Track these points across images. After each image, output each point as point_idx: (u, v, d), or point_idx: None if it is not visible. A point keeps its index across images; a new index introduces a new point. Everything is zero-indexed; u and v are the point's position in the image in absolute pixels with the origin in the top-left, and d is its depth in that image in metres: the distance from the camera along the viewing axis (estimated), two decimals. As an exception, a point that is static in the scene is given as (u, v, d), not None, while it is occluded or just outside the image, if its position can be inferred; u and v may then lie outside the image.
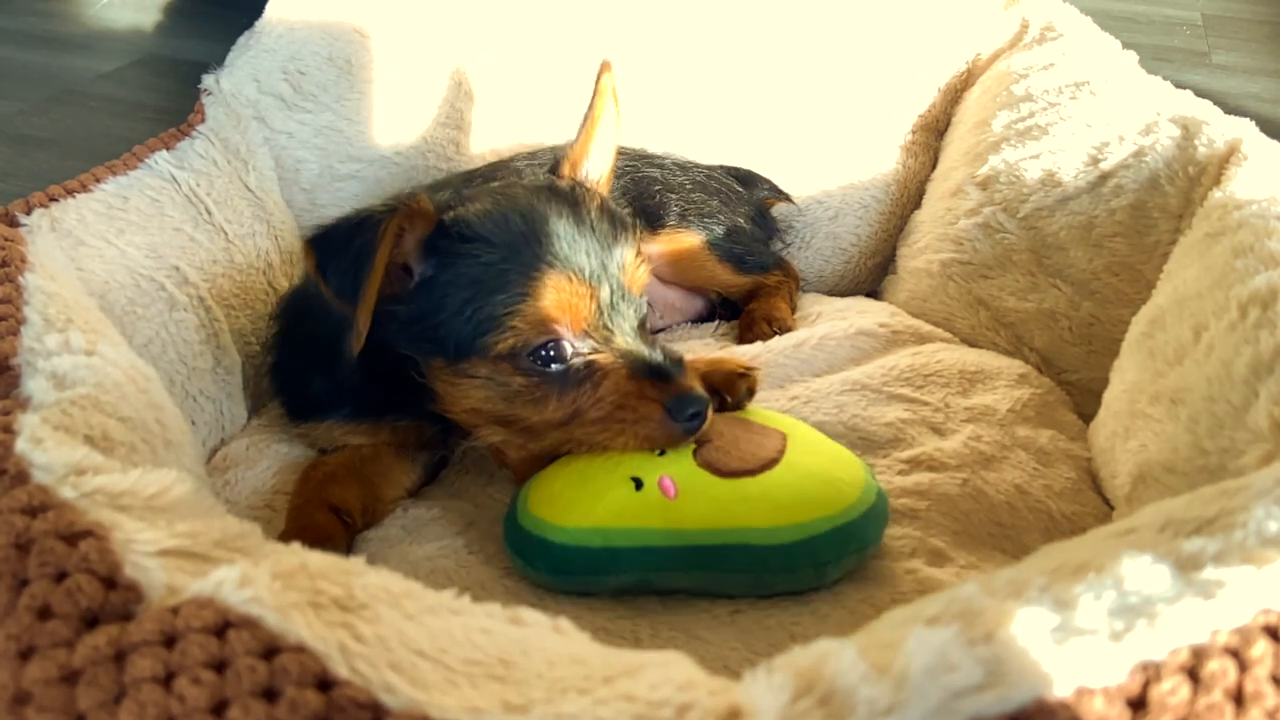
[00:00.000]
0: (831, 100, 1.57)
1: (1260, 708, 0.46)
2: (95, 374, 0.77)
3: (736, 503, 0.84)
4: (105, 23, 3.00)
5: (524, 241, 0.89)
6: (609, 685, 0.51)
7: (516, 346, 0.88)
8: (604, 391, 0.90)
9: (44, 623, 0.53)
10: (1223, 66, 2.64)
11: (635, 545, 0.84)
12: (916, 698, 0.46)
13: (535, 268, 0.88)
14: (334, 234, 0.89)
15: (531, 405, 0.91)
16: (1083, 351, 1.20)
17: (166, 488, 0.66)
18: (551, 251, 0.89)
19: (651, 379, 0.89)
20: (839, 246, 1.58)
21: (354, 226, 0.87)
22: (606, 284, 0.91)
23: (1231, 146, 1.09)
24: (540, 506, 0.88)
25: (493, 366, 0.90)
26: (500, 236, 0.89)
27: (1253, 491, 0.57)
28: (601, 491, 0.86)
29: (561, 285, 0.88)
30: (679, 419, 0.88)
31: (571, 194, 0.97)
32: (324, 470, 1.01)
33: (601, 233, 0.94)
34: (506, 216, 0.91)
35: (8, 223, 0.97)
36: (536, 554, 0.87)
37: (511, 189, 0.98)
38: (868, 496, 0.87)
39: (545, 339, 0.89)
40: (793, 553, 0.83)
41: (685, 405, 0.88)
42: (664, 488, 0.85)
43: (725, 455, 0.88)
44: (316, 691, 0.49)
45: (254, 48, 1.44)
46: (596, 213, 0.96)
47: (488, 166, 1.41)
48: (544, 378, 0.90)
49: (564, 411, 0.91)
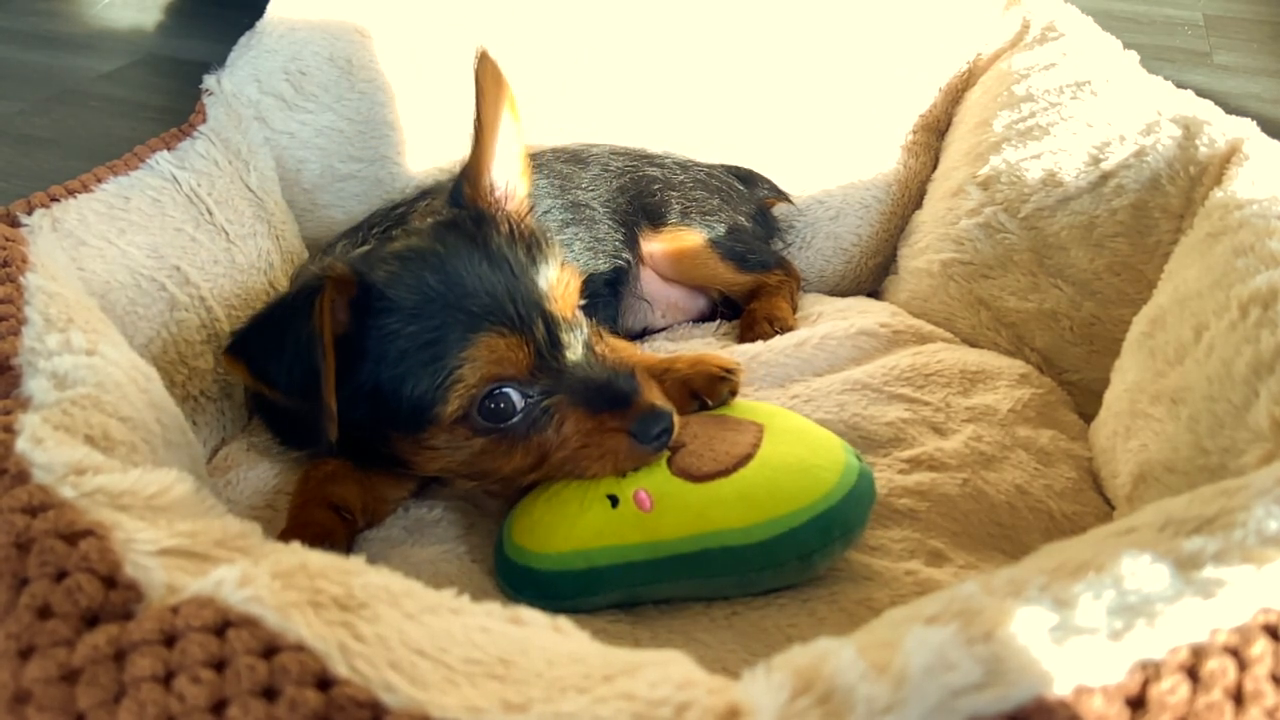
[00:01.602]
0: (832, 100, 1.57)
1: (1260, 707, 0.46)
2: (96, 374, 0.77)
3: (712, 506, 0.84)
4: (106, 23, 3.00)
5: (444, 305, 0.85)
6: (608, 684, 0.51)
7: (467, 410, 0.86)
8: (566, 433, 0.88)
9: (44, 622, 0.53)
10: (1224, 67, 2.63)
11: (617, 562, 0.84)
12: (915, 697, 0.46)
13: (463, 335, 0.84)
14: (257, 334, 0.85)
15: (498, 459, 0.90)
16: (1084, 351, 1.20)
17: (167, 487, 0.66)
18: (475, 310, 0.85)
19: (611, 409, 0.88)
20: (840, 246, 1.58)
21: (279, 318, 0.83)
22: (539, 322, 0.88)
23: (1233, 146, 1.08)
24: (522, 536, 0.88)
25: (450, 434, 0.88)
26: (418, 304, 0.85)
27: (1253, 491, 0.57)
28: (579, 513, 0.86)
29: (495, 344, 0.85)
30: (646, 441, 0.87)
31: (476, 228, 0.92)
32: (325, 469, 1.01)
33: (519, 264, 0.89)
34: (419, 279, 0.86)
35: (9, 223, 0.97)
36: (524, 583, 0.87)
37: (415, 239, 0.92)
38: (847, 480, 0.86)
39: (493, 396, 0.86)
40: (774, 548, 0.83)
41: (650, 426, 0.87)
42: (639, 501, 0.85)
43: (699, 459, 0.88)
44: (316, 690, 0.49)
45: (255, 48, 1.45)
46: (506, 242, 0.91)
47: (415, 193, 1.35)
48: (503, 433, 0.88)
49: (532, 458, 0.89)
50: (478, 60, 0.94)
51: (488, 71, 0.94)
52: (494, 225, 0.93)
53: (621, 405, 0.88)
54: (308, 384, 0.81)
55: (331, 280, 0.83)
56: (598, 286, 1.33)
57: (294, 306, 0.82)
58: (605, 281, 1.34)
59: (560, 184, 1.36)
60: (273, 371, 0.83)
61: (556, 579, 0.85)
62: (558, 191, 1.35)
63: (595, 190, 1.39)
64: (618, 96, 1.58)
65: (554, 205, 1.33)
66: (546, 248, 0.94)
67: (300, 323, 0.80)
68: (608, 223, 1.36)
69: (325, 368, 0.80)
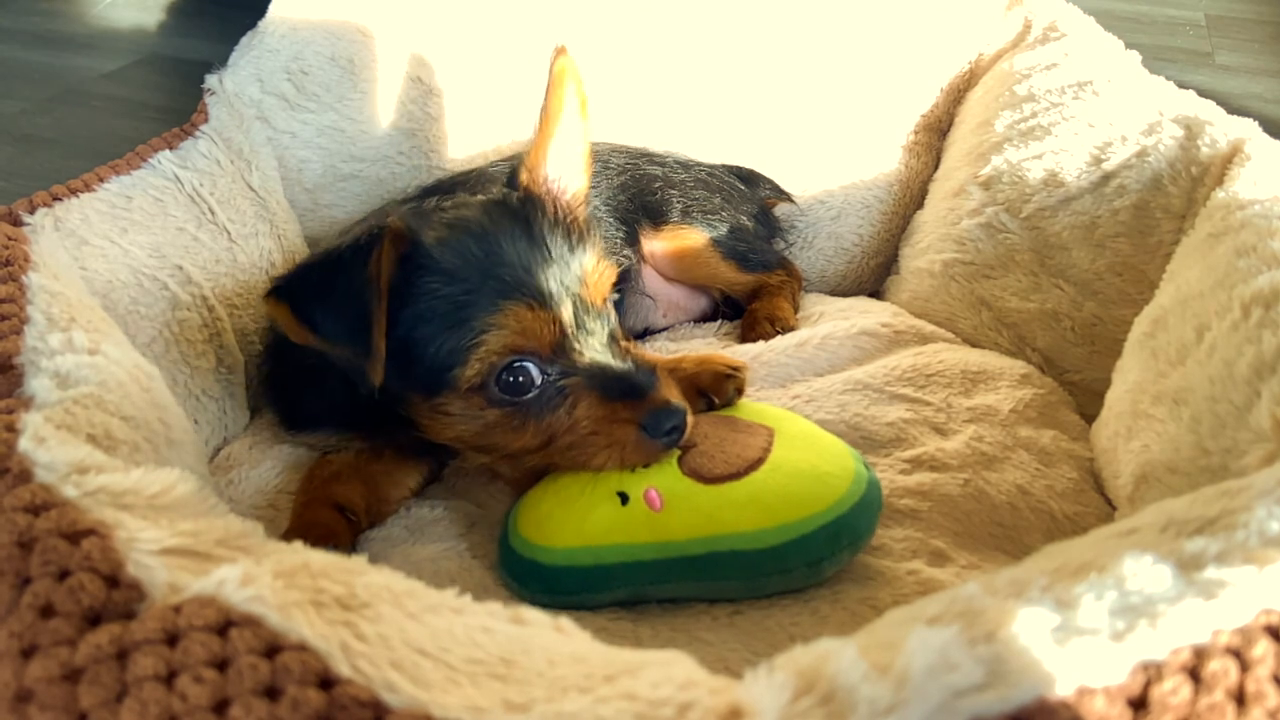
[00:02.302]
0: (834, 100, 1.57)
1: (1262, 708, 0.46)
2: (98, 373, 0.77)
3: (723, 509, 0.84)
4: (108, 22, 3.00)
5: (480, 272, 0.87)
6: (610, 684, 0.51)
7: (485, 379, 0.88)
8: (578, 416, 0.89)
9: (46, 621, 0.53)
10: (1226, 67, 2.63)
11: (625, 560, 0.84)
12: (917, 697, 0.46)
13: (493, 301, 0.87)
14: (304, 279, 0.87)
15: (508, 434, 0.91)
16: (1085, 352, 1.20)
17: (169, 487, 0.66)
18: (509, 280, 0.87)
19: (625, 398, 0.88)
20: (841, 246, 1.58)
21: (332, 265, 0.84)
22: (568, 303, 0.90)
23: (1234, 147, 1.08)
24: (529, 529, 0.88)
25: (465, 401, 0.90)
26: (457, 268, 0.87)
27: (1255, 491, 0.57)
28: (588, 510, 0.86)
29: (523, 315, 0.87)
30: (656, 435, 0.87)
31: (523, 209, 0.94)
32: (329, 469, 1.02)
33: (557, 247, 0.92)
34: (463, 244, 0.89)
35: (11, 222, 0.97)
36: (529, 576, 0.87)
37: (465, 210, 0.95)
38: (857, 488, 0.86)
39: (512, 369, 0.88)
40: (784, 554, 0.83)
41: (662, 421, 0.87)
42: (649, 500, 0.85)
43: (710, 460, 0.88)
44: (318, 690, 0.49)
45: (257, 47, 1.45)
46: (549, 226, 0.93)
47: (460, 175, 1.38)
48: (516, 407, 0.89)
49: (541, 437, 0.90)
50: (555, 53, 0.96)
51: (564, 66, 0.97)
52: (540, 208, 0.95)
53: (636, 397, 0.89)
54: (356, 329, 0.82)
55: (390, 231, 0.85)
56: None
57: (350, 254, 0.84)
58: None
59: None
60: (319, 316, 0.84)
61: (562, 574, 0.85)
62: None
63: (596, 187, 1.38)
64: (619, 96, 1.58)
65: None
66: (588, 237, 0.96)
67: (356, 269, 0.82)
68: (609, 221, 1.36)
69: (378, 312, 0.82)
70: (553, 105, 0.98)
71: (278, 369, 1.12)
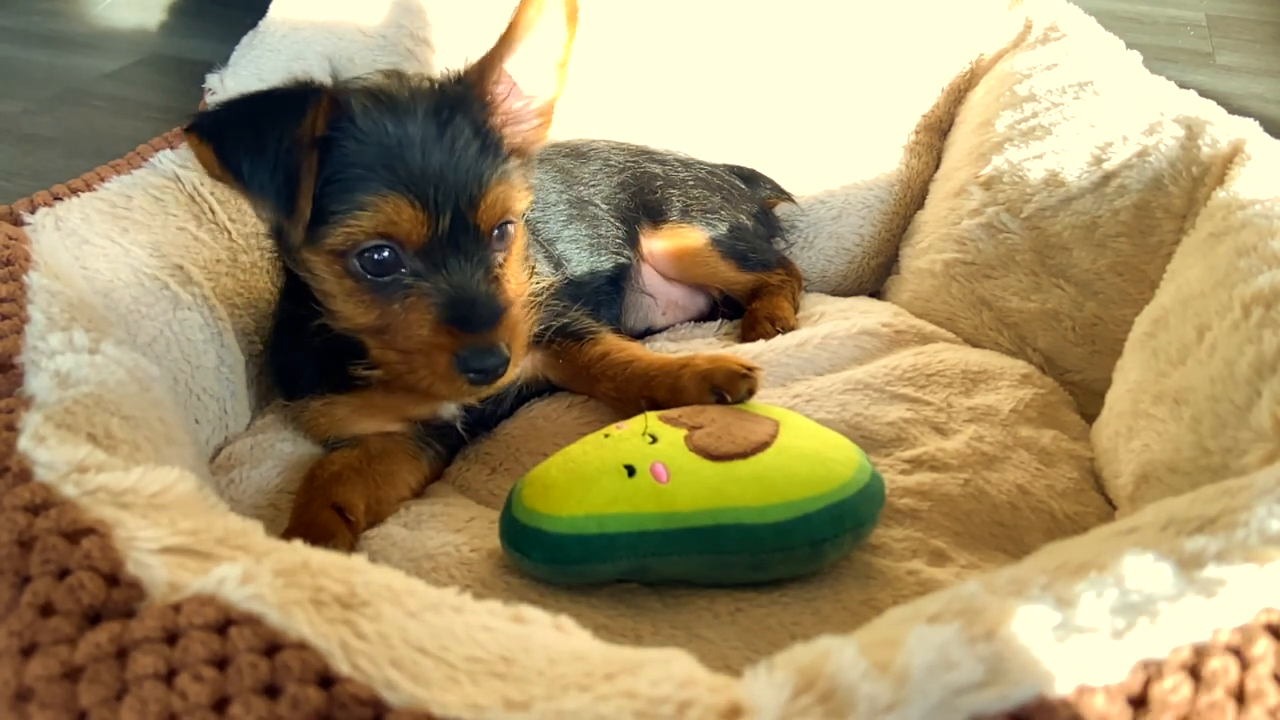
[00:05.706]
0: (835, 100, 1.57)
1: (1262, 706, 0.46)
2: (98, 372, 0.77)
3: (729, 483, 0.85)
4: (109, 22, 3.01)
5: (383, 151, 0.88)
6: (610, 682, 0.51)
7: (345, 248, 0.89)
8: (409, 321, 0.90)
9: (46, 620, 0.53)
10: (1227, 67, 2.63)
11: (629, 530, 0.85)
12: (917, 695, 0.46)
13: (379, 186, 0.88)
14: (233, 126, 0.87)
15: (355, 307, 0.93)
16: (1086, 352, 1.20)
17: (169, 485, 0.66)
18: (399, 172, 0.88)
19: (453, 324, 0.89)
20: (842, 246, 1.58)
21: (265, 115, 0.86)
22: (451, 213, 0.90)
23: (1235, 146, 1.08)
24: (534, 499, 0.88)
25: (328, 262, 0.92)
26: (367, 135, 0.89)
27: (1255, 490, 0.57)
28: (594, 480, 0.86)
29: (401, 208, 0.88)
30: (464, 369, 0.88)
31: (449, 104, 0.94)
32: (330, 470, 1.02)
33: (463, 155, 0.92)
34: (380, 121, 0.90)
35: (12, 221, 0.97)
36: (533, 545, 0.86)
37: (397, 86, 0.95)
38: (862, 476, 0.87)
39: (377, 249, 0.89)
40: (788, 531, 0.83)
41: (475, 358, 0.88)
42: (656, 473, 0.85)
43: (717, 440, 0.88)
44: (318, 688, 0.49)
45: (258, 47, 1.45)
46: (468, 131, 0.93)
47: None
48: (369, 284, 0.91)
49: (379, 321, 0.92)
50: None
51: None
52: (468, 110, 0.95)
53: (466, 329, 0.89)
54: (283, 188, 0.84)
55: (326, 94, 0.87)
56: (600, 284, 1.33)
57: (282, 110, 0.85)
58: (608, 279, 1.34)
59: (564, 179, 1.36)
60: (246, 167, 0.85)
61: (566, 542, 0.85)
62: (563, 187, 1.35)
63: (597, 185, 1.38)
64: (620, 95, 1.58)
65: (559, 200, 1.33)
66: (497, 159, 0.95)
67: (288, 127, 0.84)
68: (609, 219, 1.36)
69: (307, 175, 0.84)
70: (529, 10, 0.97)
71: (277, 340, 1.14)
